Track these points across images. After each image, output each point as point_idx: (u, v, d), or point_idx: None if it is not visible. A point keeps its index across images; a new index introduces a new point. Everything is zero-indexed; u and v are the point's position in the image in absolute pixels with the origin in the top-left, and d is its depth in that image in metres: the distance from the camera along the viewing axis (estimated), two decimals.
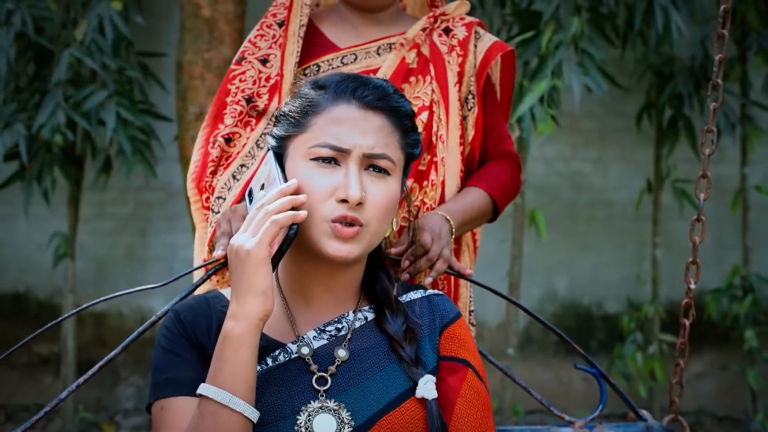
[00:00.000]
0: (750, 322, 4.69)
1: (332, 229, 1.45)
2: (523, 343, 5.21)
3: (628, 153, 5.29)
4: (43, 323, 5.80)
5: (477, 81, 1.96)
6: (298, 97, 1.54)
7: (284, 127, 1.53)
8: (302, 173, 1.47)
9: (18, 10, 4.16)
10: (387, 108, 1.51)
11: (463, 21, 2.02)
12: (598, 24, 3.62)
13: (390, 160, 1.50)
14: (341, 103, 1.49)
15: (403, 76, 1.92)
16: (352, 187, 1.44)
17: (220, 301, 1.53)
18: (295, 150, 1.50)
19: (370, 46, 1.96)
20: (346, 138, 1.47)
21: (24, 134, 4.16)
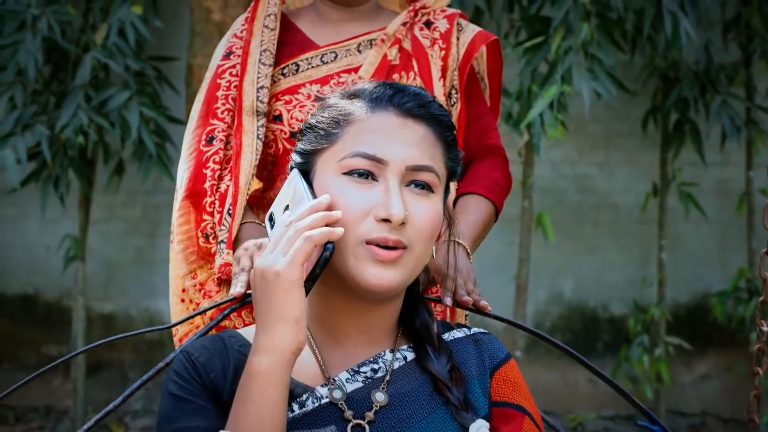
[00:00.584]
0: (756, 325, 4.72)
1: (370, 253, 1.25)
2: (529, 345, 5.25)
3: (633, 156, 5.34)
4: (51, 325, 5.86)
5: (460, 74, 1.90)
6: (326, 107, 1.36)
7: (311, 140, 1.34)
8: (334, 189, 1.27)
9: (43, 15, 4.21)
10: (429, 116, 1.32)
11: (445, 13, 1.95)
12: (607, 29, 3.66)
13: (435, 174, 1.30)
14: (377, 110, 1.31)
15: (386, 74, 1.85)
16: (394, 205, 1.25)
17: (236, 341, 1.32)
18: (325, 165, 1.31)
19: (350, 43, 1.89)
20: (384, 148, 1.28)
21: (46, 134, 4.20)
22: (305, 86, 1.87)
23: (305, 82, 1.87)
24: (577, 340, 5.41)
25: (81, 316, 4.89)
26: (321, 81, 1.87)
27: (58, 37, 4.25)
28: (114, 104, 4.29)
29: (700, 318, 5.26)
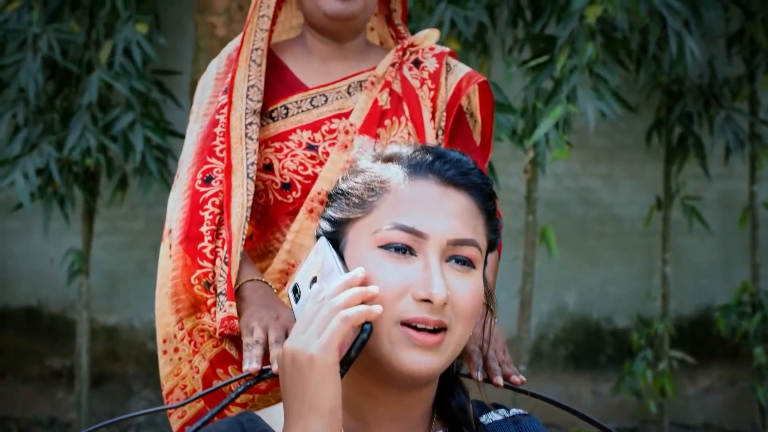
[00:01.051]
0: (759, 339, 4.75)
1: (407, 336, 1.15)
2: (533, 358, 5.26)
3: (637, 169, 5.35)
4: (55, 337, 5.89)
5: (447, 116, 1.84)
6: (359, 171, 1.26)
7: (343, 208, 1.23)
8: (369, 264, 1.17)
9: (44, 34, 4.21)
10: (471, 185, 1.23)
11: (434, 52, 1.90)
12: (612, 48, 3.67)
13: (477, 248, 1.21)
14: (416, 178, 1.21)
15: (378, 120, 1.80)
16: (435, 284, 1.14)
17: (257, 425, 1.20)
18: (358, 236, 1.20)
19: (339, 84, 1.84)
20: (424, 220, 1.17)
21: (54, 156, 4.21)
22: (296, 132, 1.81)
23: (296, 128, 1.81)
24: (581, 353, 5.43)
25: (85, 330, 4.90)
26: (312, 127, 1.81)
27: (58, 57, 4.26)
28: (119, 126, 4.31)
29: (703, 331, 5.28)
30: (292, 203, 1.81)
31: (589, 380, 5.40)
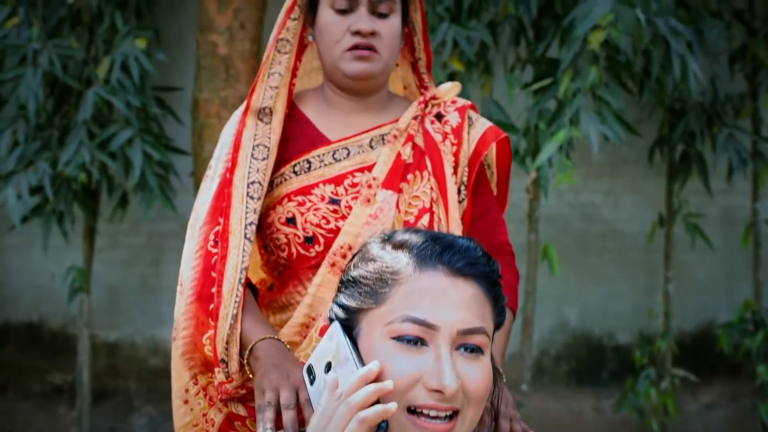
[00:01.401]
0: (762, 357, 4.74)
1: (417, 425, 1.21)
2: (535, 374, 5.25)
3: (639, 184, 5.34)
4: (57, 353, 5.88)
5: (470, 171, 1.86)
6: (369, 259, 1.30)
7: (356, 297, 1.28)
8: (382, 355, 1.22)
9: (44, 49, 4.20)
10: (478, 274, 1.28)
11: (455, 105, 1.91)
12: (615, 72, 3.65)
13: (486, 335, 1.26)
14: (426, 269, 1.25)
15: (401, 174, 1.81)
16: (447, 376, 1.19)
17: None
18: (371, 326, 1.25)
19: (362, 138, 1.85)
20: (435, 312, 1.22)
21: (49, 173, 4.19)
22: (318, 186, 1.82)
23: (318, 182, 1.82)
24: (582, 369, 5.42)
25: (86, 347, 4.89)
26: (335, 181, 1.82)
27: (58, 72, 4.24)
28: (117, 143, 4.29)
29: (705, 347, 5.26)
30: (315, 257, 1.82)
31: (591, 396, 5.38)
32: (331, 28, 1.81)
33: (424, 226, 1.79)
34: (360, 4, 1.80)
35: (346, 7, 1.80)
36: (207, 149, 4.45)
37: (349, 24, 1.79)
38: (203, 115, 4.47)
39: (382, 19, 1.80)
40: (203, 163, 4.47)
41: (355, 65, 1.80)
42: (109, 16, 4.43)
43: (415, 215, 1.82)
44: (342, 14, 1.80)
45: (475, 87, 4.24)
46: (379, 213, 1.78)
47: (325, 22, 1.82)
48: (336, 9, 1.81)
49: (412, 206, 1.82)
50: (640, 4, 3.46)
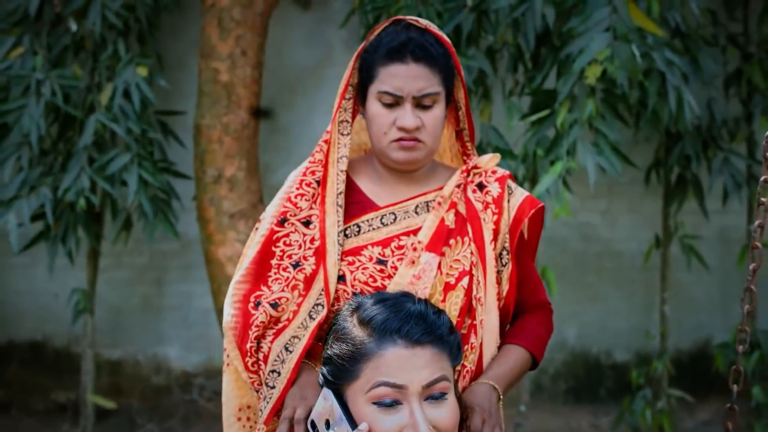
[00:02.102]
0: (757, 377, 4.80)
1: None
2: (533, 392, 5.32)
3: (635, 204, 5.41)
4: (60, 371, 5.93)
5: (511, 237, 2.01)
6: (344, 340, 1.59)
7: (336, 373, 1.59)
8: (368, 417, 1.54)
9: (47, 79, 4.26)
10: (434, 339, 1.57)
11: (496, 175, 2.05)
12: (612, 104, 3.71)
13: (447, 380, 1.56)
14: (388, 345, 1.55)
15: (444, 239, 1.95)
16: (420, 428, 1.51)
17: None
18: (354, 396, 1.56)
19: (408, 204, 1.99)
20: (401, 376, 1.53)
21: (50, 198, 4.26)
22: (367, 248, 1.95)
23: (367, 244, 1.95)
24: (581, 387, 5.50)
25: (90, 367, 4.95)
26: (382, 243, 1.95)
27: (60, 102, 4.31)
28: (115, 167, 4.35)
29: (702, 365, 5.34)
30: None
31: (589, 414, 5.45)
32: (379, 120, 1.95)
33: (463, 288, 1.93)
34: (406, 101, 1.93)
35: (393, 102, 1.93)
36: (209, 174, 4.52)
37: (395, 117, 1.93)
38: (205, 140, 4.53)
39: (425, 111, 1.93)
40: (205, 188, 4.54)
41: (400, 154, 1.95)
42: (113, 44, 4.49)
43: (455, 277, 1.94)
44: (389, 108, 1.94)
45: (474, 113, 4.30)
46: (422, 274, 1.92)
47: (374, 113, 1.96)
48: (383, 103, 1.94)
49: (453, 269, 1.95)
50: (635, 39, 3.52)
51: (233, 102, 4.53)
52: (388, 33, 1.98)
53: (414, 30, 1.96)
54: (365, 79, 1.99)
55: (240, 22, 4.53)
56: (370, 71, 1.97)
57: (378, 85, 1.94)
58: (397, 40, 1.94)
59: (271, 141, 5.36)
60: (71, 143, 4.58)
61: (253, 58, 4.58)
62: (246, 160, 4.57)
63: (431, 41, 1.96)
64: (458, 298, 1.94)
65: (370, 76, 1.97)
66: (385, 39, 1.97)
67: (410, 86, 1.91)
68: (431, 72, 1.93)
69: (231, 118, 4.53)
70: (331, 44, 5.50)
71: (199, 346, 5.55)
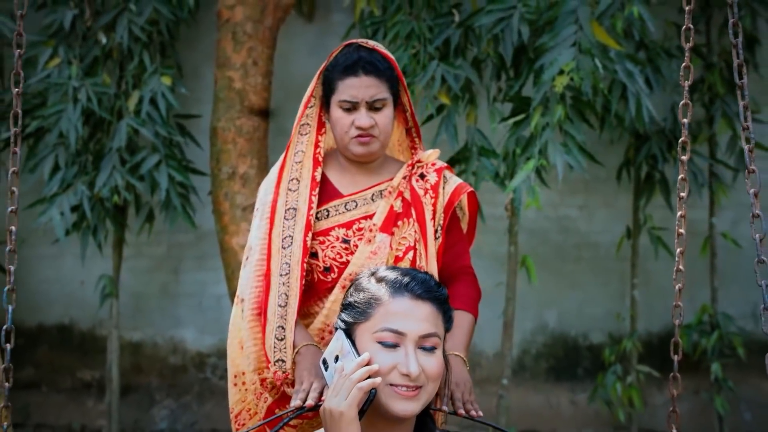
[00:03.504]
0: (716, 355, 5.29)
1: (396, 393, 1.85)
2: (517, 371, 5.80)
3: (610, 200, 5.86)
4: (85, 352, 6.44)
5: (444, 216, 2.50)
6: (361, 290, 1.96)
7: (352, 315, 1.94)
8: (371, 351, 1.87)
9: (82, 86, 4.77)
10: (433, 298, 1.92)
11: (435, 167, 2.55)
12: (579, 110, 4.21)
13: (438, 337, 1.91)
14: (397, 296, 1.90)
15: (393, 221, 2.43)
16: (412, 366, 1.85)
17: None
18: (362, 333, 1.91)
19: (366, 193, 2.47)
20: (403, 324, 1.87)
21: (87, 194, 4.76)
22: (334, 229, 2.45)
23: (334, 226, 2.46)
24: (560, 366, 5.95)
25: (115, 347, 5.44)
26: (346, 225, 2.45)
27: (95, 107, 4.82)
28: (146, 167, 4.87)
29: (670, 347, 5.77)
30: (331, 282, 2.46)
31: (567, 390, 5.91)
32: (341, 122, 2.44)
33: (409, 259, 2.41)
34: (360, 105, 2.42)
35: (350, 107, 2.42)
36: (224, 171, 5.00)
37: (353, 119, 2.42)
38: (221, 141, 5.01)
39: (377, 113, 2.43)
40: (220, 184, 5.02)
41: (359, 148, 2.45)
42: (138, 55, 4.99)
43: (403, 251, 2.44)
44: (347, 112, 2.43)
45: (461, 117, 4.78)
46: (378, 250, 2.41)
47: (336, 117, 2.46)
48: (343, 109, 2.43)
49: (401, 245, 2.44)
50: (598, 53, 4.02)
51: (245, 107, 5.01)
52: (343, 54, 2.45)
53: (364, 50, 2.45)
54: (327, 92, 2.46)
55: (252, 35, 4.99)
56: (331, 85, 2.44)
57: (338, 95, 2.42)
58: (350, 58, 2.42)
59: (277, 142, 5.76)
60: (100, 144, 5.08)
61: (263, 67, 5.05)
62: (257, 159, 5.05)
63: (378, 58, 2.43)
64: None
65: (331, 89, 2.44)
66: (341, 59, 2.44)
67: (363, 94, 2.39)
68: (379, 81, 2.42)
69: (243, 121, 5.00)
70: None
71: (212, 329, 5.99)
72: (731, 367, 5.56)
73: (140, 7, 4.98)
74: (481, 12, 4.47)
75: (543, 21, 4.28)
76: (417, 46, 4.78)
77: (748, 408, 5.81)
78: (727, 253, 5.63)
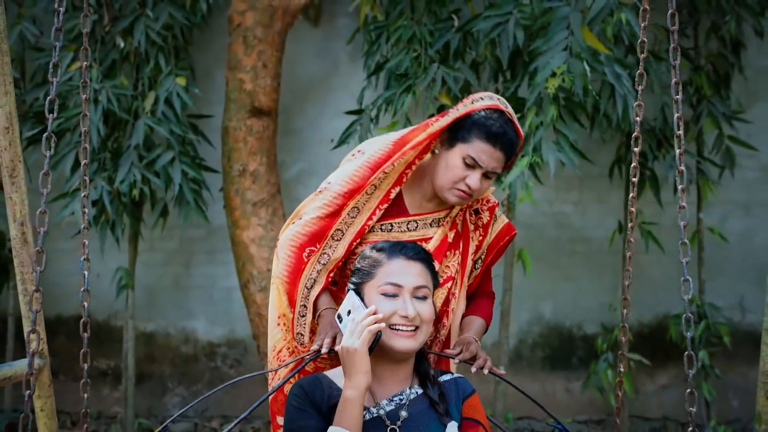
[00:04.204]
0: (704, 343, 5.54)
1: (397, 334, 2.29)
2: (514, 360, 6.04)
3: (604, 196, 6.09)
4: (101, 342, 6.66)
5: (488, 253, 2.78)
6: (365, 258, 2.39)
7: (360, 277, 2.38)
8: (376, 302, 2.31)
9: (103, 89, 5.04)
10: (422, 260, 2.37)
11: (488, 204, 2.76)
12: (570, 110, 4.47)
13: (428, 289, 2.35)
14: (394, 258, 2.35)
15: (444, 250, 2.68)
16: (409, 309, 2.30)
17: (326, 378, 2.36)
18: (369, 290, 2.34)
19: (426, 217, 2.69)
20: (401, 279, 2.31)
21: (107, 189, 5.03)
22: None
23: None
24: (555, 356, 6.19)
25: (131, 336, 5.70)
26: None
27: (115, 108, 5.09)
28: (161, 163, 5.13)
29: (660, 336, 5.99)
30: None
31: (562, 379, 6.16)
32: (455, 171, 2.58)
33: (447, 287, 2.69)
34: (480, 169, 2.58)
35: (472, 165, 2.58)
36: (235, 168, 5.27)
37: (468, 175, 2.59)
38: (232, 140, 5.28)
39: (486, 180, 2.61)
40: (232, 180, 5.28)
41: (455, 199, 2.63)
42: (154, 58, 5.26)
43: (443, 279, 2.68)
44: (467, 167, 2.59)
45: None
46: None
47: (454, 164, 2.59)
48: (465, 162, 2.57)
49: (443, 273, 2.69)
50: (588, 57, 4.29)
51: (255, 107, 5.27)
52: (491, 117, 2.55)
53: (510, 126, 2.57)
54: (460, 135, 2.56)
55: (261, 40, 5.26)
56: (469, 135, 2.54)
57: (469, 150, 2.54)
58: (499, 129, 2.54)
59: (285, 142, 6.01)
60: (118, 142, 5.35)
61: (272, 69, 5.31)
62: (266, 157, 5.31)
63: (514, 137, 2.57)
64: (442, 293, 2.69)
65: (466, 137, 2.55)
66: (489, 121, 2.54)
67: (489, 164, 2.55)
68: (504, 157, 2.57)
69: (254, 121, 5.27)
70: (338, 57, 6.17)
71: (222, 321, 6.23)
72: (719, 357, 5.81)
73: (156, 12, 5.24)
74: (479, 17, 4.74)
75: (537, 26, 4.54)
76: (418, 50, 5.04)
77: (736, 396, 6.06)
78: (714, 247, 5.88)
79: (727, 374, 5.91)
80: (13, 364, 2.61)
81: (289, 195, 5.80)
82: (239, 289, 5.43)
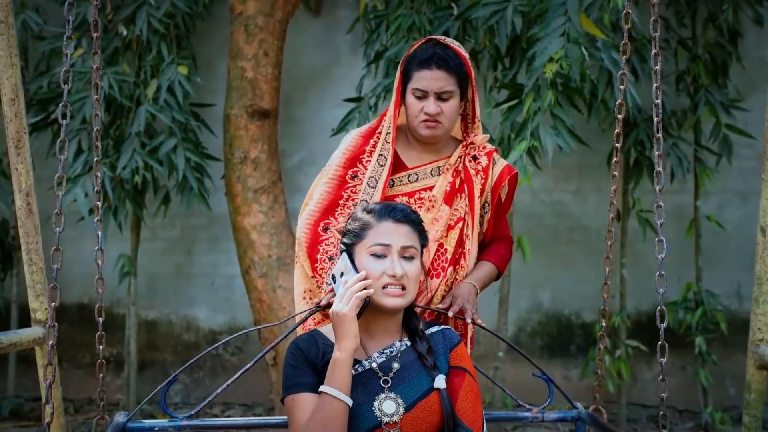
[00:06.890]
0: (700, 330, 5.59)
1: (386, 293, 2.39)
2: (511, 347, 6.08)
3: (602, 185, 6.14)
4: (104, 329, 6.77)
5: (492, 195, 2.89)
6: (356, 219, 2.47)
7: (351, 238, 2.45)
8: (366, 264, 2.40)
9: (105, 75, 5.09)
10: (409, 221, 2.44)
11: (485, 150, 2.90)
12: (568, 95, 4.52)
13: (415, 248, 2.44)
14: (382, 219, 2.43)
15: (450, 194, 2.83)
16: (397, 268, 2.39)
17: (321, 336, 2.47)
18: (360, 250, 2.43)
19: (426, 167, 2.85)
20: (389, 239, 2.40)
21: (109, 176, 5.08)
22: (398, 197, 2.84)
23: (398, 194, 2.84)
24: (554, 343, 6.24)
25: (133, 322, 5.76)
26: (408, 194, 2.84)
27: (116, 94, 5.14)
28: (164, 150, 5.19)
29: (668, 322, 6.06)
30: None
31: (561, 366, 6.21)
32: (413, 107, 2.79)
33: (459, 228, 2.82)
34: (430, 95, 2.75)
35: (422, 95, 2.77)
36: (236, 156, 5.32)
37: (423, 106, 2.77)
38: (233, 127, 5.33)
39: (444, 102, 2.77)
40: (233, 167, 5.34)
41: (425, 131, 2.79)
42: (156, 46, 5.31)
43: (454, 221, 2.83)
44: (419, 99, 2.78)
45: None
46: (439, 218, 2.81)
47: (409, 103, 2.80)
48: (415, 96, 2.78)
49: (453, 215, 2.83)
50: (585, 42, 4.33)
51: (257, 95, 5.32)
52: (422, 48, 2.79)
53: (439, 46, 2.77)
54: (405, 80, 2.80)
55: (263, 28, 5.32)
56: (408, 74, 2.78)
57: (413, 84, 2.76)
58: (426, 53, 2.75)
59: (286, 131, 6.08)
60: (120, 129, 5.40)
61: (273, 58, 5.36)
62: (267, 144, 5.36)
63: (451, 55, 2.75)
64: (455, 234, 2.82)
65: (408, 77, 2.79)
66: (419, 52, 2.77)
67: (433, 85, 2.73)
68: (448, 75, 2.74)
69: (255, 109, 5.32)
70: (339, 47, 6.22)
71: (223, 308, 6.29)
72: (717, 345, 5.86)
73: (158, 1, 5.30)
74: (477, 5, 4.78)
75: (535, 13, 4.58)
76: (418, 38, 5.09)
77: (733, 383, 6.11)
78: (711, 235, 5.93)
79: (724, 362, 5.95)
80: (18, 331, 2.66)
81: (290, 183, 5.85)
82: (240, 277, 5.48)
